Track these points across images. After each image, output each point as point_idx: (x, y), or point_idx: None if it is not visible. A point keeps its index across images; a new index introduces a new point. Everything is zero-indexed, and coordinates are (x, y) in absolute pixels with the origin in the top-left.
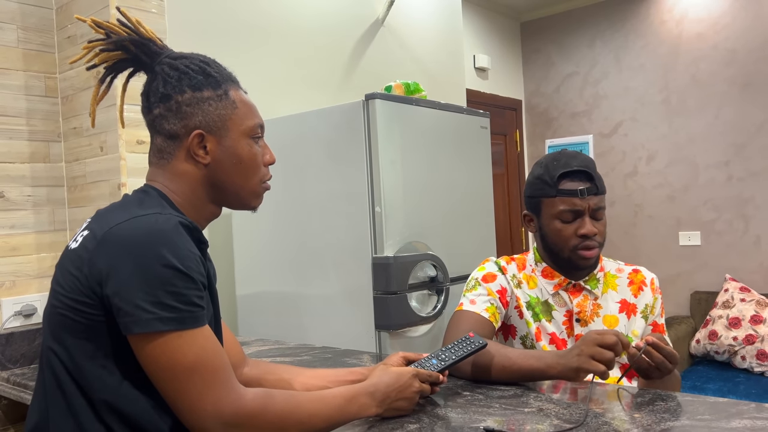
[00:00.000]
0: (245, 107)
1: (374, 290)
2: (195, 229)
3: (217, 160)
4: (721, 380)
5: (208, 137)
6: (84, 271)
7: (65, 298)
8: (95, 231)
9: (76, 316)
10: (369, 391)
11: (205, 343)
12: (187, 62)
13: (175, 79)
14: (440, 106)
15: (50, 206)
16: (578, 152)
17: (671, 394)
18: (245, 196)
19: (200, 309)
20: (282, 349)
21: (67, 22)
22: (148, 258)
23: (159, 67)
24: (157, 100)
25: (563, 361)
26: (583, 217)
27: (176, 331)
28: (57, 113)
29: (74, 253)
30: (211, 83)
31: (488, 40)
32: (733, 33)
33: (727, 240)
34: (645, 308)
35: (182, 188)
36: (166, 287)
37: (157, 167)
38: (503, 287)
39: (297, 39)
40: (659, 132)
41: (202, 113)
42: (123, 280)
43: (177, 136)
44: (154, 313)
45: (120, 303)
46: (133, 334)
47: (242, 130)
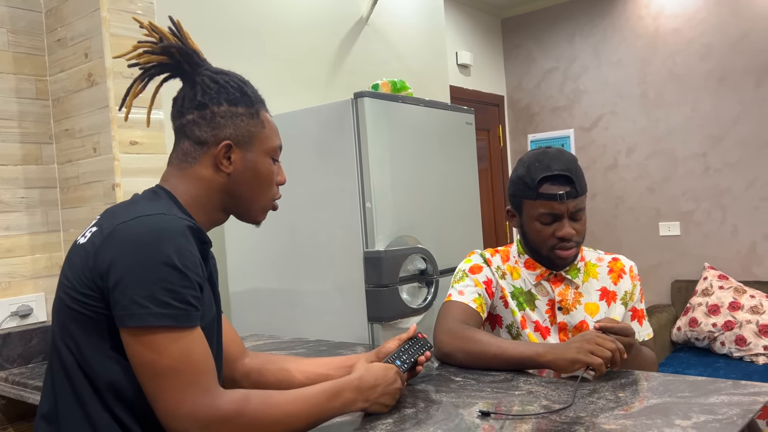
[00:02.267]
0: (271, 129)
1: (366, 284)
2: (198, 230)
3: (239, 171)
4: (701, 366)
5: (235, 149)
6: (89, 265)
7: (72, 291)
8: (103, 227)
9: (81, 308)
10: (354, 385)
11: (192, 345)
12: (227, 78)
13: (214, 91)
14: (426, 103)
15: (43, 207)
16: (561, 151)
17: (653, 374)
18: (255, 210)
19: (194, 309)
20: (277, 343)
21: (57, 25)
22: (148, 254)
23: (199, 77)
24: (193, 107)
25: (556, 351)
26: (562, 219)
27: (167, 327)
28: (48, 115)
29: (82, 248)
30: (245, 101)
31: (470, 37)
32: (708, 28)
33: (705, 229)
34: (624, 295)
35: (197, 191)
36: (163, 284)
37: (177, 168)
38: (489, 278)
39: (282, 38)
40: (638, 125)
41: (234, 126)
42: (122, 274)
43: (205, 143)
44: (148, 308)
45: (117, 297)
46: (125, 328)
47: (265, 149)
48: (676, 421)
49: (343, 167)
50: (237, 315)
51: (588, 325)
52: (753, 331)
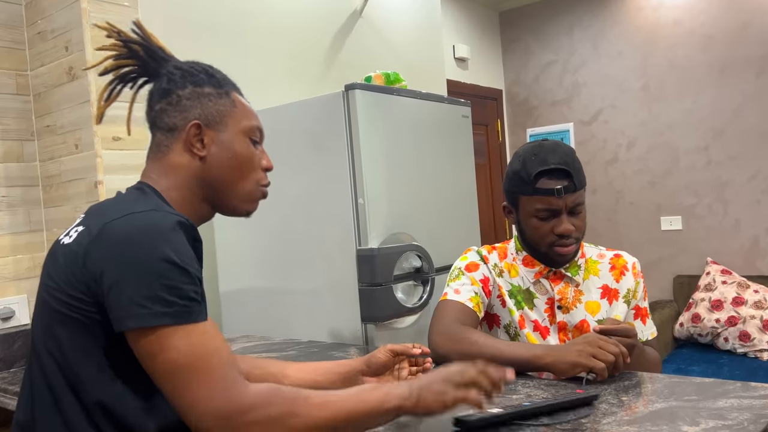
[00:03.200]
0: (245, 109)
1: (359, 282)
2: (191, 226)
3: (214, 154)
4: (705, 362)
5: (206, 130)
6: (79, 267)
7: (58, 293)
8: (90, 227)
9: (70, 311)
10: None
11: (201, 339)
12: (192, 64)
13: (178, 76)
14: (421, 95)
15: (26, 207)
16: (558, 143)
17: (657, 376)
18: (239, 197)
19: (197, 304)
20: (268, 344)
21: (38, 18)
22: (143, 253)
23: (165, 70)
24: (159, 96)
25: (556, 353)
26: (560, 215)
27: (171, 326)
28: (29, 111)
29: (67, 248)
30: (213, 82)
31: (467, 30)
32: (709, 18)
33: (707, 224)
34: (627, 293)
35: (176, 183)
36: (162, 281)
37: (153, 161)
38: (486, 276)
39: (274, 31)
40: (639, 118)
41: (201, 106)
42: (118, 275)
43: (175, 128)
44: (149, 308)
45: (115, 298)
46: (129, 330)
47: (240, 128)
48: (683, 427)
49: (334, 162)
50: (227, 315)
51: (589, 324)
52: (757, 326)
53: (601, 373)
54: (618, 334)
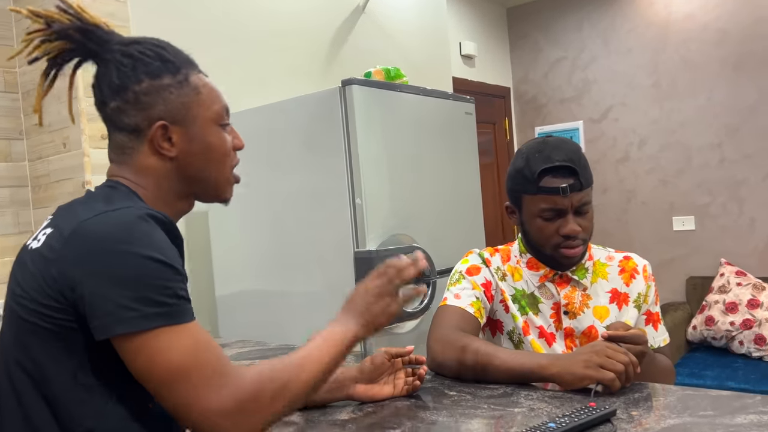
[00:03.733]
0: (208, 92)
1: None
2: (170, 223)
3: (185, 151)
4: (719, 366)
5: (173, 128)
6: (51, 273)
7: (28, 302)
8: (61, 228)
9: (40, 320)
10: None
11: (196, 338)
12: (141, 47)
13: (129, 67)
14: (422, 91)
15: (14, 207)
16: (563, 140)
17: (670, 387)
18: (219, 187)
19: (187, 302)
20: (263, 350)
21: None
22: (124, 252)
23: (110, 54)
24: (112, 92)
25: (562, 363)
26: (566, 215)
27: (164, 327)
28: (18, 109)
29: (37, 253)
30: (169, 69)
31: (474, 27)
32: (723, 12)
33: (721, 223)
34: (638, 297)
35: (149, 183)
36: (149, 280)
37: (118, 164)
38: (488, 280)
39: (274, 27)
40: (650, 116)
41: (163, 102)
42: (98, 279)
43: (139, 130)
44: (138, 309)
45: (96, 304)
46: (116, 336)
47: (209, 117)
48: None
49: (331, 161)
50: (224, 318)
51: (597, 330)
52: None
53: (611, 385)
54: (627, 341)
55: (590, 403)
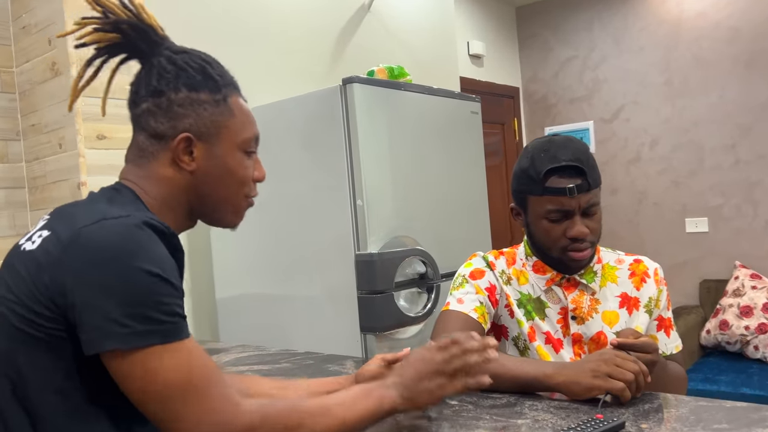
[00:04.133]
0: (243, 117)
1: (358, 290)
2: (172, 235)
3: (203, 169)
4: (733, 372)
5: (197, 143)
6: (44, 280)
7: (18, 306)
8: (59, 233)
9: (30, 328)
10: (384, 381)
11: (190, 357)
12: (188, 58)
13: (171, 74)
14: (426, 90)
15: (11, 209)
16: (570, 139)
17: (683, 398)
18: (226, 212)
19: (182, 319)
20: (262, 356)
21: (22, 11)
22: (122, 264)
23: (156, 59)
24: (148, 94)
25: (568, 372)
26: (573, 217)
27: (158, 345)
28: (15, 110)
29: (30, 256)
30: (209, 85)
31: (482, 26)
32: (735, 10)
33: (735, 225)
34: (648, 302)
35: (159, 193)
36: (146, 296)
37: (135, 166)
38: (492, 284)
39: (279, 27)
40: (662, 115)
41: (195, 116)
42: (92, 289)
43: (163, 137)
44: (130, 326)
45: (87, 316)
46: (106, 351)
47: (236, 142)
48: None
49: (331, 161)
50: (224, 322)
51: (606, 336)
52: None
53: (621, 395)
54: (637, 349)
55: (597, 415)
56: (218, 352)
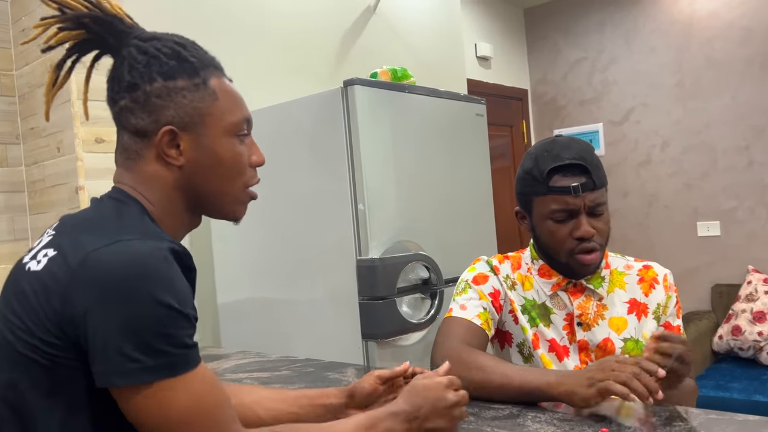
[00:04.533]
0: (228, 99)
1: (360, 296)
2: (185, 254)
3: (193, 161)
4: (746, 379)
5: (182, 135)
6: (54, 307)
7: (25, 334)
8: (67, 255)
9: (36, 355)
10: (391, 411)
11: (199, 388)
12: (159, 44)
13: (143, 64)
14: (430, 92)
15: (10, 213)
16: (573, 139)
17: (692, 410)
18: (226, 204)
19: (193, 349)
20: (262, 362)
21: (22, 14)
22: (135, 294)
23: (126, 49)
24: (123, 89)
25: (570, 382)
26: (579, 216)
27: (167, 379)
28: (15, 113)
29: (36, 278)
30: (186, 70)
31: (490, 28)
32: (749, 10)
33: (748, 229)
34: (657, 308)
35: (154, 194)
36: (156, 328)
37: (125, 169)
38: (496, 289)
39: (283, 28)
40: (673, 117)
41: (175, 106)
42: (104, 321)
43: (145, 133)
44: (140, 361)
45: (99, 349)
46: (115, 387)
47: (223, 127)
48: None
49: (332, 165)
50: (226, 327)
51: (613, 343)
52: None
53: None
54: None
55: (603, 429)
56: (219, 359)
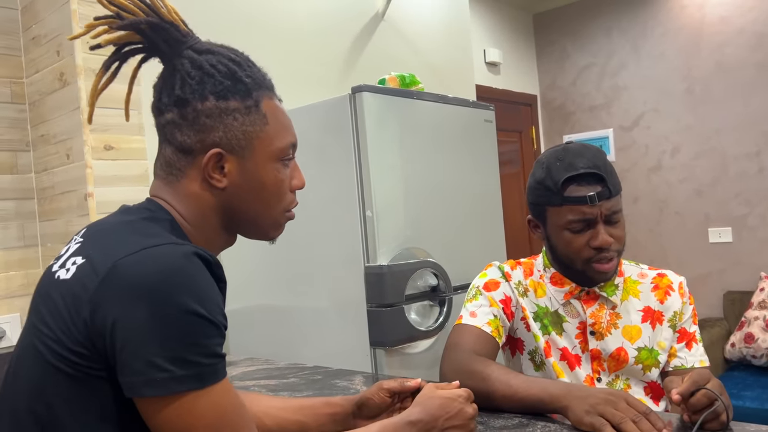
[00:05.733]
0: (277, 123)
1: (368, 303)
2: (216, 264)
3: (236, 184)
4: (759, 387)
5: (228, 157)
6: (83, 317)
7: (56, 344)
8: (95, 263)
9: (65, 365)
10: (408, 421)
11: (225, 399)
12: (214, 60)
13: (196, 80)
14: (439, 98)
15: (19, 220)
16: (585, 146)
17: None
18: (264, 227)
19: (221, 360)
20: (269, 369)
21: (32, 22)
22: (166, 303)
23: (179, 60)
24: (171, 102)
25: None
26: (596, 226)
27: (195, 390)
28: (25, 120)
29: (66, 287)
30: (239, 91)
31: (499, 34)
32: (760, 15)
33: (760, 235)
34: (673, 316)
35: (192, 213)
36: (187, 338)
37: (164, 183)
38: (507, 296)
39: (292, 34)
40: (684, 123)
41: (224, 128)
42: (134, 331)
43: (191, 151)
44: (170, 371)
45: (128, 360)
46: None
47: (270, 152)
48: None
49: (340, 171)
50: (234, 335)
51: (627, 352)
52: None
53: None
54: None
55: None
56: (227, 366)
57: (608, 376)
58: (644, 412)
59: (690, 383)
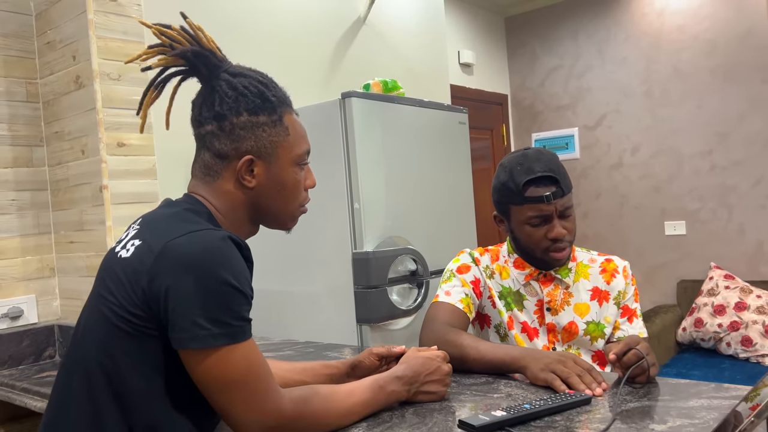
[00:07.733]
0: (296, 134)
1: (355, 285)
2: (246, 248)
3: (262, 184)
4: (706, 367)
5: (257, 162)
6: (141, 286)
7: (120, 309)
8: (150, 243)
9: (126, 326)
10: (396, 375)
11: (252, 355)
12: (246, 82)
13: (232, 99)
14: (418, 103)
15: (34, 210)
16: (541, 151)
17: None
18: (283, 219)
19: (248, 323)
20: (266, 345)
21: (46, 28)
22: (207, 276)
23: (216, 82)
24: (211, 117)
25: (531, 358)
26: (552, 220)
27: (228, 345)
28: (39, 118)
29: (127, 263)
30: (267, 108)
31: (473, 36)
32: (713, 24)
33: (711, 229)
34: (618, 295)
35: (225, 207)
36: (223, 304)
37: (202, 182)
38: (477, 278)
39: (276, 39)
40: (643, 123)
41: (255, 138)
42: (182, 297)
43: (226, 157)
44: (209, 329)
45: (177, 319)
46: (188, 350)
47: (291, 158)
48: (650, 425)
49: (331, 168)
50: None
51: (577, 325)
52: (759, 331)
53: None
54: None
55: (569, 390)
56: None
57: (561, 346)
58: (588, 369)
59: (623, 345)
